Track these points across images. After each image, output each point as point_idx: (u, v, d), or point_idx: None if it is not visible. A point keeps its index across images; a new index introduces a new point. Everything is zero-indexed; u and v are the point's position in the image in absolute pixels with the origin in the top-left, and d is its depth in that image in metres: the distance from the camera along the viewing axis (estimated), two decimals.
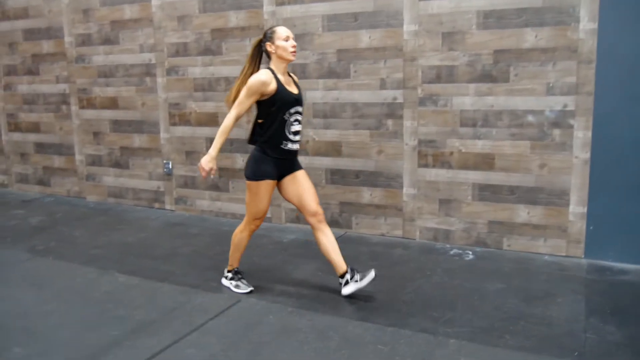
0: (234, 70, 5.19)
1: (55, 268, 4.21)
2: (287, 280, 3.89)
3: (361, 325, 3.17)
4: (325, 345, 2.94)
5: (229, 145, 5.33)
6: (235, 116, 3.33)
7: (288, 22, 4.85)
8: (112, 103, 5.98)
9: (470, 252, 4.36)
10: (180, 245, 4.70)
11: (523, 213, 4.29)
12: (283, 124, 3.39)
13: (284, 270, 4.07)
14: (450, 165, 4.47)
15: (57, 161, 6.53)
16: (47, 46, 6.30)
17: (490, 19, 4.17)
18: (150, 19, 5.56)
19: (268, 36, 3.41)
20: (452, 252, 4.39)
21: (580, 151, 4.04)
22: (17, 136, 6.80)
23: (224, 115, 3.47)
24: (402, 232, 4.75)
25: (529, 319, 3.20)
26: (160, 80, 5.61)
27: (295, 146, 3.49)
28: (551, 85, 4.05)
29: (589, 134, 3.99)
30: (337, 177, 4.93)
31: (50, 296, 3.68)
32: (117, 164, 6.10)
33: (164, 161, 5.77)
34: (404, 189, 4.67)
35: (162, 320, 3.29)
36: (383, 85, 4.61)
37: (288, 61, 3.42)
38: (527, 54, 4.09)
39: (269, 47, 3.39)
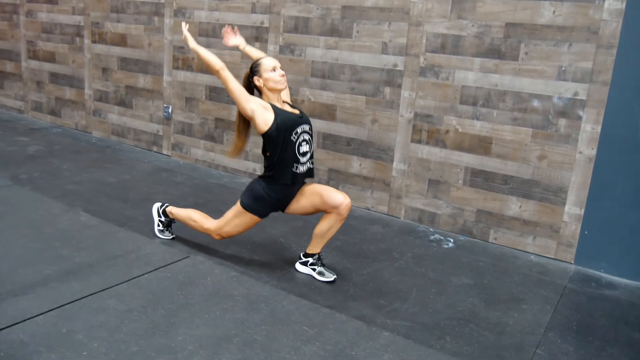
0: (238, 18, 4.94)
1: (25, 198, 4.18)
2: (246, 241, 3.71)
3: (297, 301, 2.97)
4: (248, 317, 2.76)
5: (225, 97, 5.13)
6: (224, 75, 3.02)
7: None
8: (122, 40, 5.85)
9: (452, 240, 4.06)
10: (158, 192, 4.59)
11: (514, 206, 3.93)
12: (293, 145, 3.07)
13: (249, 232, 3.89)
14: (445, 144, 4.13)
15: (68, 93, 6.52)
16: None
17: None
18: None
19: (254, 70, 3.14)
20: (432, 238, 4.09)
21: (586, 146, 3.61)
22: (34, 64, 6.81)
23: (227, 64, 3.20)
24: (387, 208, 4.47)
25: (480, 323, 2.91)
26: (168, 21, 5.43)
27: (305, 167, 3.16)
28: (563, 69, 3.61)
29: (598, 128, 3.56)
30: (328, 142, 4.67)
31: (4, 225, 3.65)
32: (121, 103, 6.02)
33: (164, 105, 5.64)
34: (394, 164, 4.36)
35: (99, 265, 3.19)
36: (385, 49, 4.26)
37: (279, 91, 3.15)
38: (542, 31, 3.65)
39: (257, 81, 3.13)
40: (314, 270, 3.29)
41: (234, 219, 3.27)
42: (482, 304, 3.12)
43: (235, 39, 3.47)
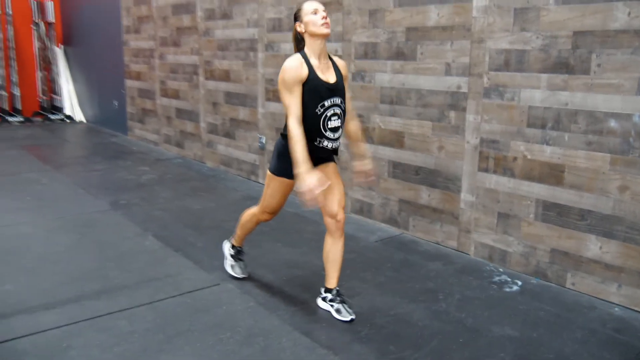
0: None
1: (111, 222, 4.61)
2: (287, 272, 3.63)
3: (297, 339, 2.80)
4: (237, 351, 2.68)
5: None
6: (294, 121, 2.76)
7: None
8: (226, 75, 6.24)
9: (520, 283, 3.52)
10: (232, 219, 4.71)
11: (594, 246, 3.29)
12: (317, 119, 2.84)
13: (295, 260, 3.81)
14: (513, 173, 3.63)
15: (189, 126, 7.11)
16: (185, 20, 6.84)
17: None
18: None
19: (296, 16, 2.90)
20: (496, 279, 3.60)
21: None
22: (165, 101, 7.58)
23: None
24: (456, 243, 4.05)
25: None
26: (261, 55, 5.66)
27: (332, 144, 2.95)
28: None
29: None
30: (398, 170, 4.41)
31: (76, 245, 4.05)
32: (227, 134, 6.38)
33: (259, 136, 5.84)
34: (462, 195, 3.96)
35: (133, 287, 3.37)
36: (448, 70, 3.93)
37: (322, 36, 2.82)
38: (616, 38, 3.06)
39: (299, 27, 2.87)
40: (332, 307, 3.09)
41: (267, 189, 3.13)
42: None
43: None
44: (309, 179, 2.67)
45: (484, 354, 2.70)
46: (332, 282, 3.10)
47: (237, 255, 3.58)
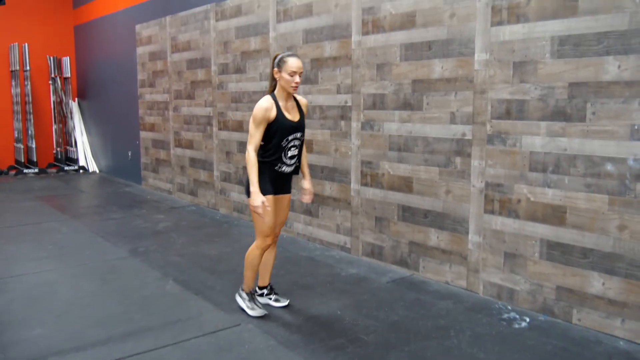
0: (326, 99, 5.26)
1: (132, 268, 4.78)
2: (304, 312, 3.79)
3: None
4: None
5: (319, 172, 5.39)
6: (252, 150, 3.45)
7: (371, 52, 4.74)
8: (239, 126, 6.54)
9: (528, 320, 3.66)
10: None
11: (597, 283, 3.45)
12: (281, 149, 3.52)
13: (311, 302, 3.96)
14: (517, 215, 3.83)
15: (202, 175, 7.37)
16: (200, 74, 7.20)
17: (566, 46, 3.49)
18: (267, 49, 5.96)
19: (277, 63, 3.49)
20: (505, 316, 3.74)
21: None
22: (179, 151, 7.87)
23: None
24: (465, 283, 4.21)
25: None
26: None
27: (289, 169, 3.61)
28: (636, 127, 3.21)
29: None
30: (407, 214, 4.61)
31: (101, 291, 4.22)
32: (240, 182, 6.62)
33: None
34: (470, 236, 4.14)
35: (156, 329, 3.52)
36: (453, 119, 4.19)
37: (290, 93, 3.54)
38: (608, 88, 3.31)
39: (276, 73, 3.52)
40: (270, 298, 3.92)
41: (254, 215, 3.54)
42: None
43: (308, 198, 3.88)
44: (258, 199, 3.40)
45: None
46: (266, 281, 3.91)
47: (250, 296, 3.78)
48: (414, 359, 3.13)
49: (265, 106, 3.43)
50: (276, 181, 3.58)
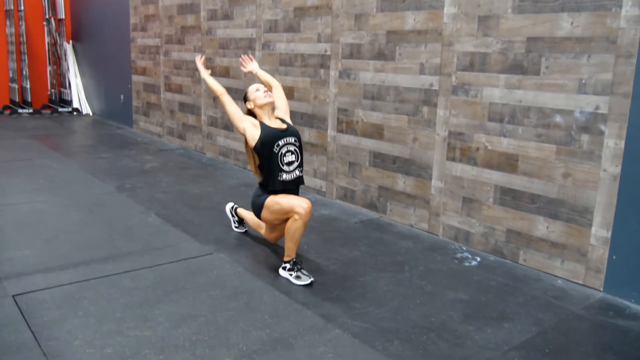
0: (307, 48, 5.43)
1: (117, 202, 5.08)
2: (274, 246, 4.09)
3: (277, 297, 3.26)
4: (224, 304, 3.14)
5: (299, 119, 5.62)
6: (223, 99, 3.69)
7: (350, 1, 4.89)
8: (226, 72, 6.71)
9: (479, 259, 3.98)
10: (227, 202, 5.19)
11: (542, 226, 3.74)
12: (275, 157, 3.54)
13: (282, 239, 4.26)
14: (476, 162, 4.09)
15: (191, 119, 7.59)
16: (190, 19, 7.31)
17: (527, 2, 3.66)
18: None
19: (244, 99, 3.73)
20: (458, 255, 4.05)
21: (610, 164, 3.36)
22: (169, 95, 8.06)
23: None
24: (427, 225, 4.51)
25: (442, 334, 2.92)
26: (258, 53, 6.13)
27: (289, 176, 3.60)
28: (584, 81, 3.43)
29: (622, 144, 3.29)
30: (378, 160, 4.87)
31: (87, 220, 4.52)
32: (226, 127, 6.85)
33: None
34: (432, 182, 4.42)
35: (135, 254, 3.83)
36: (422, 70, 4.39)
37: (267, 105, 3.63)
38: (561, 44, 3.51)
39: (249, 105, 3.69)
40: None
41: (279, 209, 3.54)
42: (460, 318, 3.09)
43: (250, 65, 3.98)
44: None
45: (436, 312, 3.16)
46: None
47: (295, 266, 3.56)
48: (365, 287, 3.46)
49: (252, 119, 3.63)
50: (282, 190, 3.61)
